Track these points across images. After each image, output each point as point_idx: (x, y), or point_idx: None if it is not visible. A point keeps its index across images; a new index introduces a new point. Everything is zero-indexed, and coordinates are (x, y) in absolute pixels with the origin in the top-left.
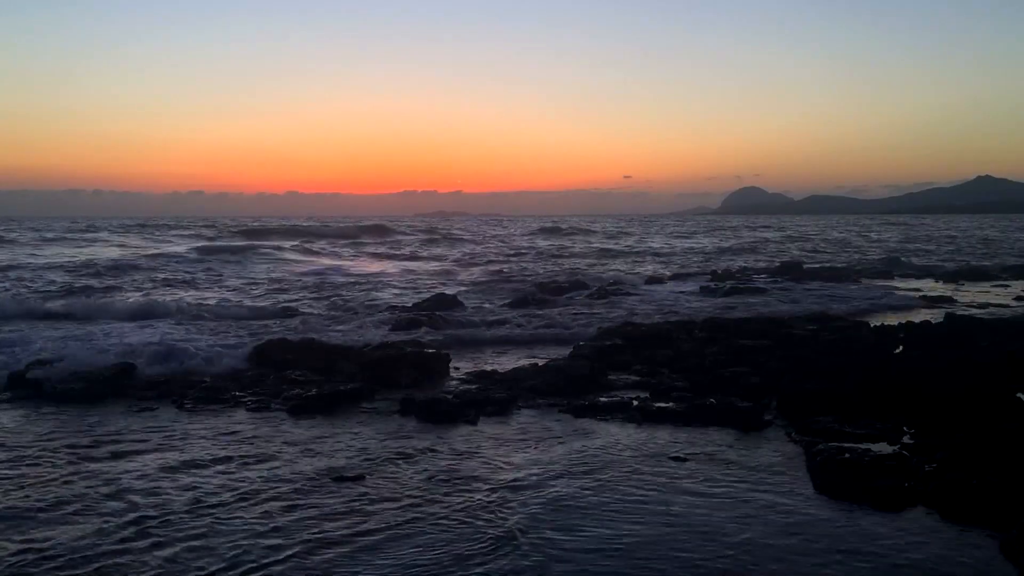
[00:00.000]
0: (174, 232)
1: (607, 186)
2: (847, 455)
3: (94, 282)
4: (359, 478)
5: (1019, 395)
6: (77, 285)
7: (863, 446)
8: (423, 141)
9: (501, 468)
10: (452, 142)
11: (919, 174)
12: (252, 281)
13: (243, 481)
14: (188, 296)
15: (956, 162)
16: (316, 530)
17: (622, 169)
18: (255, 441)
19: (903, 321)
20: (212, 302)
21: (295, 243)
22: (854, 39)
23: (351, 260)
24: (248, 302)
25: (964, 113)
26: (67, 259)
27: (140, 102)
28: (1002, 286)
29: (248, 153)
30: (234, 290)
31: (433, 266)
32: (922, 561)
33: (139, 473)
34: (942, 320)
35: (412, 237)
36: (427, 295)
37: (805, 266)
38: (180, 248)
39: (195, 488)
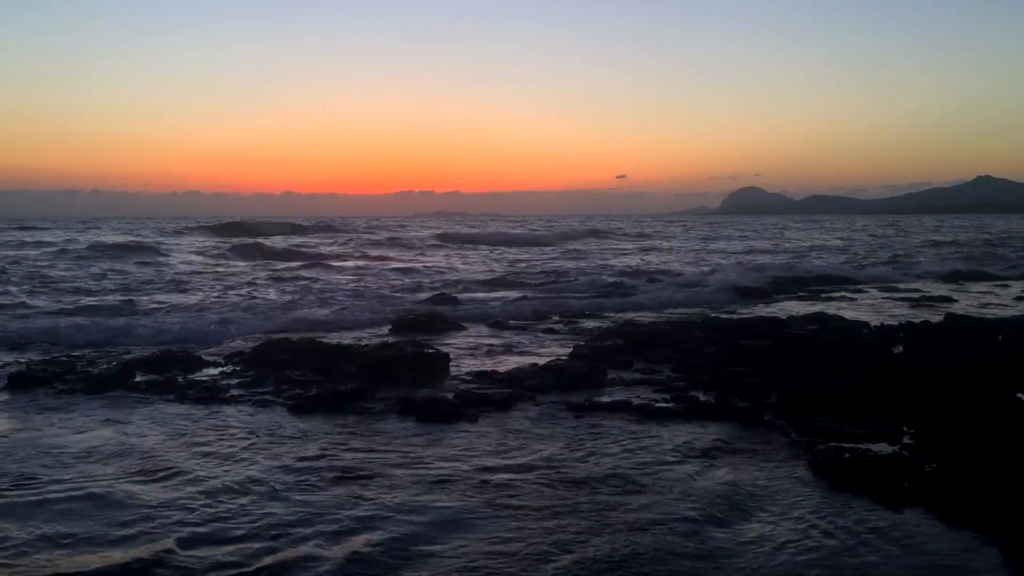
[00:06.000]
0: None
1: (606, 186)
2: (847, 455)
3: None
4: (359, 478)
5: (1019, 395)
6: None
7: (863, 446)
8: (420, 141)
9: (502, 468)
10: (449, 142)
11: (918, 174)
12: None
13: (242, 480)
14: None
15: (956, 162)
16: (316, 529)
17: (620, 169)
18: (254, 440)
19: (904, 321)
20: None
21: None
22: (854, 39)
23: None
24: None
25: (964, 113)
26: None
27: (138, 102)
28: (1002, 286)
29: (245, 153)
30: None
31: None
32: (922, 560)
33: (135, 473)
34: (942, 320)
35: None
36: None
37: (804, 266)
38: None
39: (192, 488)
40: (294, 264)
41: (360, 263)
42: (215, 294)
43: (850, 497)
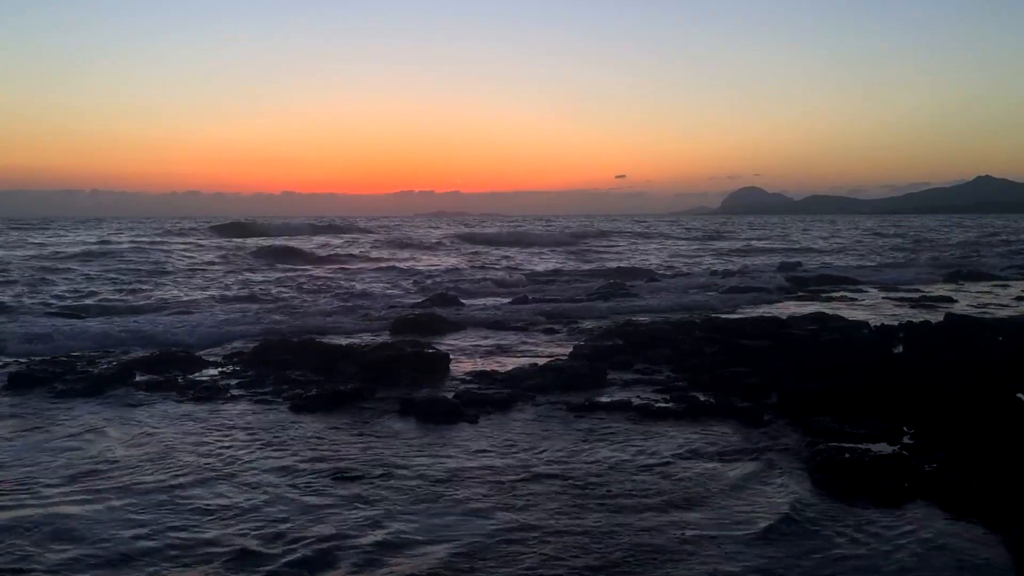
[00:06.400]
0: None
1: (606, 186)
2: (847, 455)
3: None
4: (359, 478)
5: (1019, 395)
6: None
7: (863, 446)
8: (420, 141)
9: (502, 468)
10: (449, 142)
11: (918, 174)
12: None
13: (241, 481)
14: None
15: (956, 162)
16: (315, 530)
17: (620, 169)
18: (254, 441)
19: (904, 321)
20: None
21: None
22: (854, 39)
23: None
24: None
25: (964, 113)
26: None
27: (138, 102)
28: (1002, 286)
29: (244, 153)
30: None
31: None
32: (922, 560)
33: (137, 477)
34: (942, 320)
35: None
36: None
37: (802, 266)
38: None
39: (197, 495)
40: (296, 264)
41: (363, 264)
42: (216, 294)
43: (851, 498)
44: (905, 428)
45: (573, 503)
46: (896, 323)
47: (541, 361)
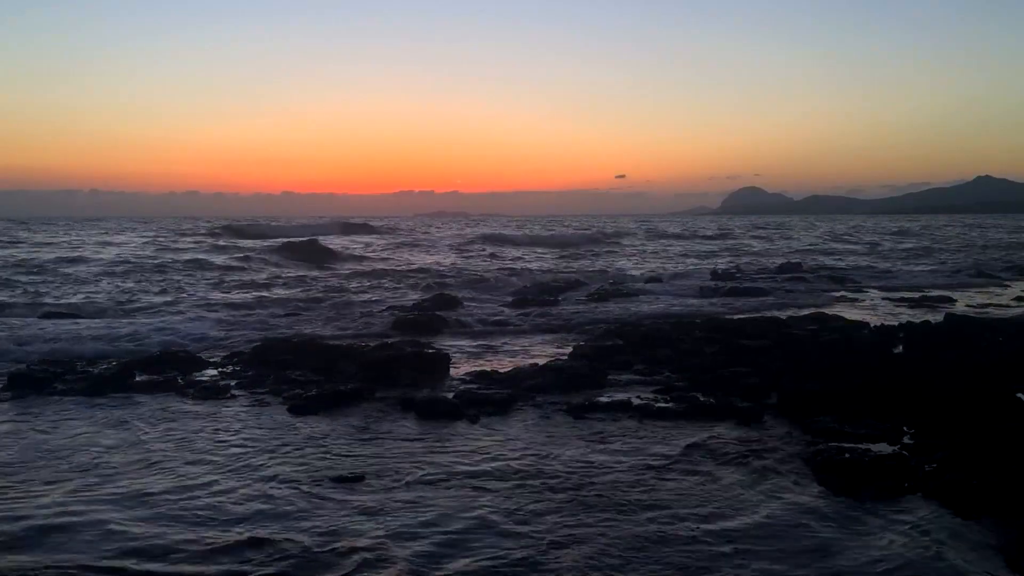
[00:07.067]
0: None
1: (606, 186)
2: (847, 455)
3: None
4: (359, 478)
5: (1019, 395)
6: None
7: (863, 446)
8: (420, 141)
9: (502, 468)
10: (449, 142)
11: (918, 174)
12: None
13: (242, 482)
14: None
15: (956, 162)
16: (315, 530)
17: (620, 168)
18: (254, 441)
19: (904, 321)
20: None
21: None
22: (854, 39)
23: None
24: None
25: (964, 113)
26: None
27: (137, 102)
28: (1002, 286)
29: (244, 153)
30: None
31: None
32: (923, 560)
33: (136, 480)
34: (942, 320)
35: None
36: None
37: (804, 267)
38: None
39: (194, 488)
40: (296, 264)
41: (365, 264)
42: (216, 294)
43: (852, 497)
44: (905, 428)
45: (574, 503)
46: (896, 323)
47: (541, 361)
